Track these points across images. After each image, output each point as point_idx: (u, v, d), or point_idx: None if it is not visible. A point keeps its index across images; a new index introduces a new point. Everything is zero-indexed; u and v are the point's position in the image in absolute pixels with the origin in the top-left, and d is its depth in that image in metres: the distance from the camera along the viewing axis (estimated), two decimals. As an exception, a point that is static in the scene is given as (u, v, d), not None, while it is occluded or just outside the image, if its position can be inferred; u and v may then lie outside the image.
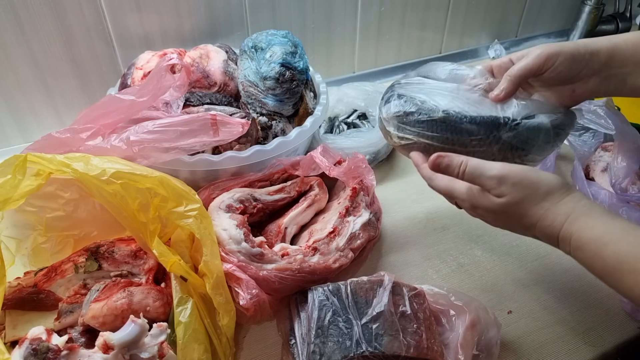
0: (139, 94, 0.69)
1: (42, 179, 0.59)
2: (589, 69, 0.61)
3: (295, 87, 0.80)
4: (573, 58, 0.60)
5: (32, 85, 0.89)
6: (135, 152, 0.65)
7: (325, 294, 0.58)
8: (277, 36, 0.81)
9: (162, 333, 0.54)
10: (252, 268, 0.62)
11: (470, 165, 0.54)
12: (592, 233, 0.48)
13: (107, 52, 0.91)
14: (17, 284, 0.63)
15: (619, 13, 1.25)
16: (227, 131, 0.69)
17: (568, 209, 0.50)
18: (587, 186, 0.77)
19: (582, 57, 0.60)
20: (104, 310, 0.57)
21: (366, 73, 1.21)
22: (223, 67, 0.84)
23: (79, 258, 0.66)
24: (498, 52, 1.28)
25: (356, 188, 0.74)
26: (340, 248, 0.67)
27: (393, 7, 1.12)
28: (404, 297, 0.58)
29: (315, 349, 0.55)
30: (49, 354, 0.50)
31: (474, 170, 0.53)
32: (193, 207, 0.60)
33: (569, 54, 0.60)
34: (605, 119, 0.79)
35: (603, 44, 0.61)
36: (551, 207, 0.50)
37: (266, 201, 0.73)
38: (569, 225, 0.49)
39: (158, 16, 0.92)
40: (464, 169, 0.54)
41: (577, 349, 0.65)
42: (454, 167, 0.55)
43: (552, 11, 1.35)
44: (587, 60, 0.60)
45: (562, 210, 0.50)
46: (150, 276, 0.65)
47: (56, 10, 0.83)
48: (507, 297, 0.71)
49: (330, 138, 0.92)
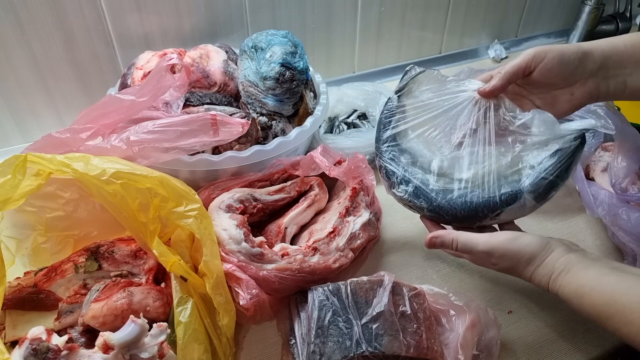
0: (139, 94, 0.69)
1: (42, 179, 0.59)
2: (583, 69, 0.61)
3: (295, 87, 0.80)
4: (562, 56, 0.60)
5: (32, 85, 0.89)
6: (135, 152, 0.65)
7: (325, 294, 0.58)
8: (277, 36, 0.81)
9: (162, 333, 0.54)
10: (252, 268, 0.62)
11: (460, 242, 0.60)
12: (569, 289, 0.53)
13: (107, 52, 0.91)
14: (17, 284, 0.63)
15: (619, 13, 1.25)
16: (227, 131, 0.69)
17: (548, 271, 0.55)
18: (587, 186, 0.77)
19: (572, 56, 0.60)
20: (104, 310, 0.57)
21: (366, 73, 1.20)
22: (223, 67, 0.84)
23: (79, 258, 0.66)
24: (498, 52, 1.28)
25: (356, 188, 0.74)
26: (340, 248, 0.67)
27: (393, 7, 1.12)
28: (404, 297, 0.58)
29: (315, 349, 0.55)
30: (49, 354, 0.50)
31: (464, 246, 0.60)
32: (193, 207, 0.60)
33: (557, 51, 0.61)
34: (605, 119, 0.78)
35: (598, 45, 0.61)
36: (536, 270, 0.56)
37: (266, 201, 0.73)
38: (552, 284, 0.55)
39: (158, 16, 0.92)
40: (456, 246, 0.61)
41: (577, 349, 0.65)
42: (448, 244, 0.61)
43: (552, 11, 1.35)
44: (580, 59, 0.60)
45: (544, 272, 0.55)
46: (150, 276, 0.65)
47: (56, 10, 0.83)
48: (507, 297, 0.71)
49: (330, 138, 0.92)
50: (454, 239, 0.60)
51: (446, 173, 0.66)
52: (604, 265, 0.53)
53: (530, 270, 0.56)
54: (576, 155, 0.60)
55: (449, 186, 0.65)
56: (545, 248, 0.56)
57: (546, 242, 0.56)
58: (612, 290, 0.49)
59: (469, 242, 0.59)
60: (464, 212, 0.63)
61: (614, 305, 0.49)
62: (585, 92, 0.62)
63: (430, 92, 0.69)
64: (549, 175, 0.59)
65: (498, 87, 0.62)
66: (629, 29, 1.24)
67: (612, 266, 0.52)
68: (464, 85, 0.67)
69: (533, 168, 0.61)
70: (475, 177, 0.63)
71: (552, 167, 0.59)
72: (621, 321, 0.48)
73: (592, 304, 0.51)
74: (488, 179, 0.63)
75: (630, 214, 0.70)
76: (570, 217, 0.84)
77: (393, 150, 0.69)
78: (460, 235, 0.60)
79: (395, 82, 1.19)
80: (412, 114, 0.69)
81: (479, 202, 0.62)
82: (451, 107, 0.67)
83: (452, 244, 0.61)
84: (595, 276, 0.52)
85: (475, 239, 0.59)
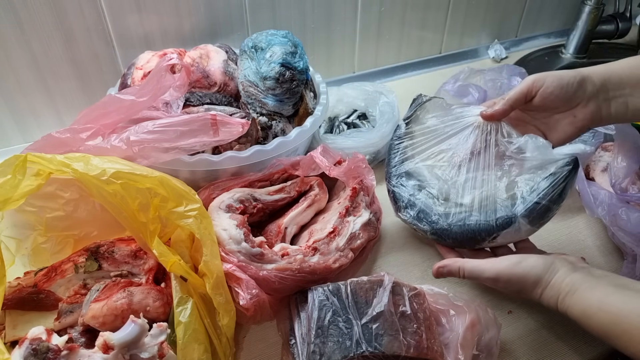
0: (139, 94, 0.69)
1: (42, 179, 0.59)
2: (583, 91, 0.62)
3: (295, 87, 0.80)
4: (561, 80, 0.62)
5: (32, 85, 0.89)
6: (135, 152, 0.65)
7: (325, 294, 0.58)
8: (277, 36, 0.81)
9: (162, 333, 0.54)
10: (252, 268, 0.62)
11: (467, 270, 0.61)
12: (577, 310, 0.54)
13: (107, 52, 0.91)
14: (17, 284, 0.63)
15: (619, 13, 1.25)
16: (227, 131, 0.69)
17: (555, 293, 0.56)
18: (587, 186, 0.77)
19: (571, 79, 0.62)
20: (104, 310, 0.57)
21: (366, 73, 1.20)
22: (223, 67, 0.84)
23: (79, 258, 0.66)
24: (498, 52, 1.28)
25: (356, 188, 0.74)
26: (340, 248, 0.67)
27: (393, 7, 1.12)
28: (404, 297, 0.58)
29: (315, 349, 0.55)
30: (49, 354, 0.50)
31: (471, 274, 0.61)
32: (193, 207, 0.60)
33: (556, 75, 0.63)
34: (605, 119, 0.78)
35: (595, 69, 0.63)
36: (543, 292, 0.57)
37: (266, 201, 0.73)
38: (561, 305, 0.56)
39: (158, 16, 0.92)
40: (463, 274, 0.62)
41: (576, 349, 0.65)
42: (455, 273, 0.62)
43: (552, 11, 1.34)
44: (579, 82, 0.62)
45: (551, 294, 0.56)
46: (150, 276, 0.65)
47: (56, 10, 0.83)
48: (507, 297, 0.71)
49: (330, 138, 0.92)
50: (460, 267, 0.61)
51: (448, 198, 0.68)
52: (609, 283, 0.54)
53: (538, 293, 0.57)
54: (569, 180, 0.62)
55: (449, 210, 0.68)
56: (550, 270, 0.57)
57: (550, 263, 0.57)
58: (618, 311, 0.51)
59: (475, 270, 0.60)
60: (462, 235, 0.66)
61: (620, 325, 0.50)
62: (587, 114, 0.63)
63: (436, 118, 0.72)
64: (542, 200, 0.62)
65: (500, 112, 0.65)
66: (629, 29, 1.24)
67: (617, 284, 0.54)
68: (468, 112, 0.70)
69: (527, 192, 0.63)
70: (474, 201, 0.66)
71: (545, 191, 0.61)
72: (629, 340, 0.50)
73: (599, 324, 0.52)
74: (486, 203, 0.65)
75: (630, 214, 0.70)
76: (570, 217, 0.84)
77: (401, 174, 0.73)
78: (466, 264, 0.61)
79: (395, 82, 1.20)
80: (419, 140, 0.73)
81: (476, 227, 0.65)
82: (454, 133, 0.70)
83: (459, 273, 0.62)
84: (600, 297, 0.53)
85: (481, 266, 0.60)
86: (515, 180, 0.65)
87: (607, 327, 0.51)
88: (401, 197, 0.72)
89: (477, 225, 0.65)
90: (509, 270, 0.58)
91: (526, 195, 0.63)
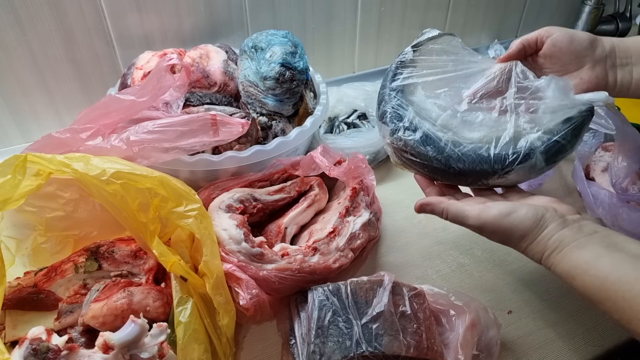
0: (139, 94, 0.69)
1: (42, 179, 0.59)
2: (592, 52, 0.63)
3: (295, 87, 0.80)
4: (571, 37, 0.63)
5: (32, 85, 0.89)
6: (135, 152, 0.65)
7: (325, 294, 0.58)
8: (277, 36, 0.81)
9: (162, 333, 0.54)
10: (252, 268, 0.62)
11: (451, 213, 0.59)
12: (562, 269, 0.53)
13: (107, 52, 0.91)
14: (17, 284, 0.63)
15: (619, 13, 1.25)
16: (227, 131, 0.69)
17: (540, 249, 0.54)
18: (587, 186, 0.77)
19: (582, 40, 0.63)
20: (104, 310, 0.57)
21: (366, 73, 1.20)
22: (223, 67, 0.84)
23: (79, 258, 0.66)
24: (498, 52, 1.27)
25: (356, 188, 0.74)
26: (340, 248, 0.67)
27: (393, 7, 1.12)
28: (404, 297, 0.58)
29: (315, 349, 0.55)
30: (49, 354, 0.50)
31: (454, 218, 0.59)
32: (193, 207, 0.60)
33: (567, 31, 0.63)
34: (606, 119, 0.78)
35: (606, 37, 0.65)
36: (528, 247, 0.55)
37: (266, 201, 0.73)
38: (545, 262, 0.55)
39: (158, 16, 0.92)
40: (446, 216, 0.59)
41: (577, 349, 0.65)
42: (438, 213, 0.60)
43: (552, 11, 1.35)
44: (589, 43, 0.63)
45: (537, 249, 0.55)
46: (150, 276, 0.65)
47: (56, 10, 0.83)
48: (507, 297, 0.71)
49: (330, 138, 0.92)
50: (445, 209, 0.59)
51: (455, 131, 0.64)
52: (600, 243, 0.52)
53: (523, 247, 0.56)
54: (585, 125, 0.61)
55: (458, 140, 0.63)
56: (539, 225, 0.55)
57: (540, 217, 0.55)
58: (605, 276, 0.49)
59: (459, 215, 0.58)
60: (473, 165, 0.61)
61: (606, 291, 0.48)
62: (593, 77, 0.63)
63: (446, 55, 0.69)
64: (562, 139, 0.60)
65: (515, 50, 0.65)
66: (629, 29, 1.24)
67: (609, 243, 0.51)
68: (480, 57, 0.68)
69: (546, 131, 0.61)
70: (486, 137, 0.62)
71: (565, 132, 0.60)
72: (613, 307, 0.48)
73: (583, 286, 0.50)
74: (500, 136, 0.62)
75: (630, 214, 0.70)
76: (570, 217, 0.84)
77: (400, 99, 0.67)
78: (451, 206, 0.59)
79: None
80: (424, 72, 0.68)
81: (491, 156, 0.61)
82: (465, 72, 0.67)
83: (442, 214, 0.59)
84: (588, 258, 0.51)
85: (466, 212, 0.57)
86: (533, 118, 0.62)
87: (591, 291, 0.50)
88: (402, 118, 0.64)
89: (491, 155, 0.60)
90: (496, 222, 0.56)
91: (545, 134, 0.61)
